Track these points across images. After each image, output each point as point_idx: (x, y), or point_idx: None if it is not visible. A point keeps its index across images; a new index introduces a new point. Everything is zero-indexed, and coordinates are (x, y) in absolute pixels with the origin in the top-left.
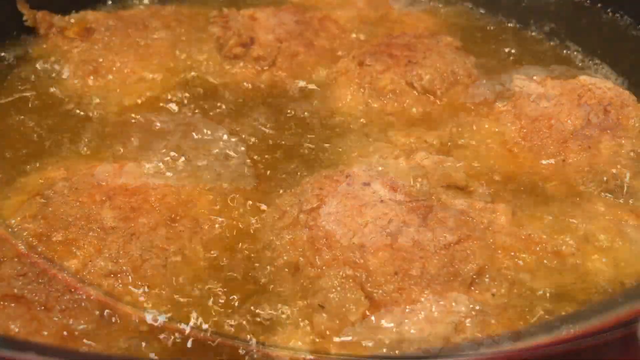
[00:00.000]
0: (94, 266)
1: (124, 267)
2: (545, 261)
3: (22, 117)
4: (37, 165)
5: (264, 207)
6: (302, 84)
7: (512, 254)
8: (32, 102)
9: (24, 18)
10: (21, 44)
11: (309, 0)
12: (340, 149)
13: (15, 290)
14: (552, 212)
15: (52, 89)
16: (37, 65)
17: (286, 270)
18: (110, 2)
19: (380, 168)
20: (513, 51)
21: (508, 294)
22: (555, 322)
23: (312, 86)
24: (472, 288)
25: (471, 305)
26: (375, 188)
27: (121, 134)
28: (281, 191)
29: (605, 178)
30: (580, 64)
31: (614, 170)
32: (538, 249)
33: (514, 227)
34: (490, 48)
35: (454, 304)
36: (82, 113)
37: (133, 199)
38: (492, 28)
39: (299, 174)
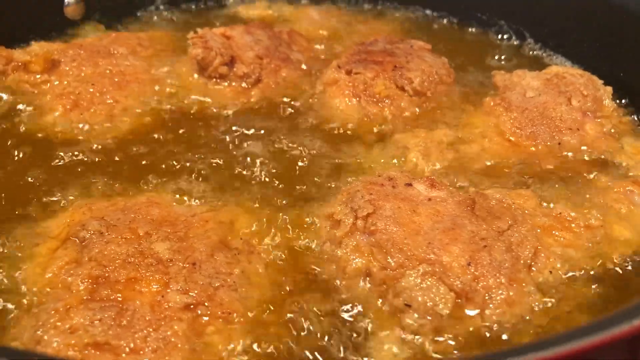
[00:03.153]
0: (168, 301)
1: (199, 298)
2: (581, 235)
3: (17, 161)
4: (54, 209)
5: (308, 220)
6: (292, 97)
7: (554, 232)
8: (21, 144)
9: None
10: None
11: (265, 17)
12: (357, 156)
13: (97, 338)
14: (568, 191)
15: (35, 128)
16: (7, 105)
17: (358, 277)
18: (53, 33)
19: (406, 168)
20: (476, 49)
21: (563, 269)
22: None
23: (303, 99)
24: (533, 268)
25: (537, 285)
26: (418, 188)
27: (129, 165)
28: (315, 203)
29: (602, 155)
30: (532, 54)
31: (603, 148)
32: (572, 225)
33: (544, 208)
34: (452, 47)
35: (523, 284)
36: (77, 149)
37: (177, 228)
38: (445, 28)
39: (327, 184)
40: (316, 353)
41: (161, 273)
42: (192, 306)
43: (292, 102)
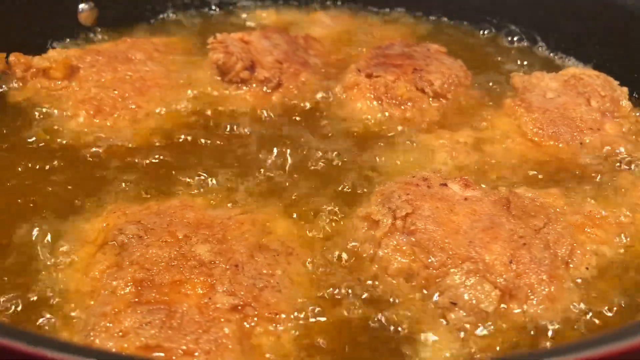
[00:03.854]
0: (215, 303)
1: (245, 299)
2: (613, 232)
3: (42, 167)
4: (86, 214)
5: (342, 221)
6: (313, 101)
7: (586, 230)
8: (45, 151)
9: None
10: None
11: (277, 23)
12: (383, 158)
13: (149, 340)
14: (594, 190)
15: (58, 134)
16: (29, 112)
17: (400, 276)
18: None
19: (433, 168)
20: (488, 52)
21: (597, 265)
22: None
23: (324, 103)
24: (570, 265)
25: (575, 280)
26: (453, 188)
27: (156, 170)
28: (347, 204)
29: (623, 154)
30: (544, 56)
31: (624, 147)
32: (603, 222)
33: (573, 207)
34: (465, 50)
35: (563, 280)
36: (102, 155)
37: (214, 231)
38: (456, 32)
39: (357, 186)
40: (362, 352)
41: (205, 275)
42: (239, 307)
43: (314, 106)
